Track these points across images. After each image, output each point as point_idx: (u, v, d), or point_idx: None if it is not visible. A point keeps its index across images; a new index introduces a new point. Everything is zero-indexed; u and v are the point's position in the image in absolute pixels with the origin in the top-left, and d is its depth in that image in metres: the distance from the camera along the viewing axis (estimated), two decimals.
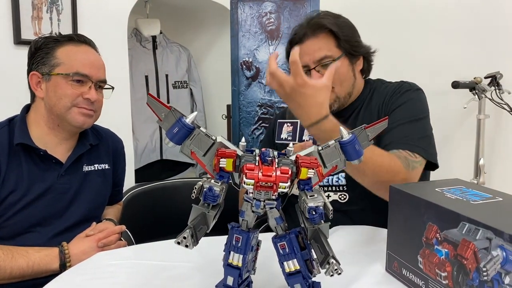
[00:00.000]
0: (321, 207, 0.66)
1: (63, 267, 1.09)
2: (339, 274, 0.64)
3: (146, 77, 2.70)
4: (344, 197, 1.22)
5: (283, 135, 0.99)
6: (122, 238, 1.25)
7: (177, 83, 2.82)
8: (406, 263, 0.81)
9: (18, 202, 1.14)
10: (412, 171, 1.05)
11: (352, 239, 1.07)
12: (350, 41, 1.23)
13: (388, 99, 1.23)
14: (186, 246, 0.66)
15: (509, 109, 2.07)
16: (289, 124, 0.97)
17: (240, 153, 0.69)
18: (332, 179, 1.23)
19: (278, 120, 0.95)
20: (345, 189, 1.22)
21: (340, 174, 1.22)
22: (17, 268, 1.06)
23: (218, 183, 0.68)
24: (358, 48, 1.26)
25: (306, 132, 0.96)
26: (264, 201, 0.68)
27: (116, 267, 0.93)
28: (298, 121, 0.96)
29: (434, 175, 1.22)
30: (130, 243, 1.31)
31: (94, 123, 1.33)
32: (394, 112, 1.19)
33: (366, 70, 1.33)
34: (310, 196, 0.67)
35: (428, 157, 1.11)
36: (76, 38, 1.22)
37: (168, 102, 2.76)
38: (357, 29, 1.29)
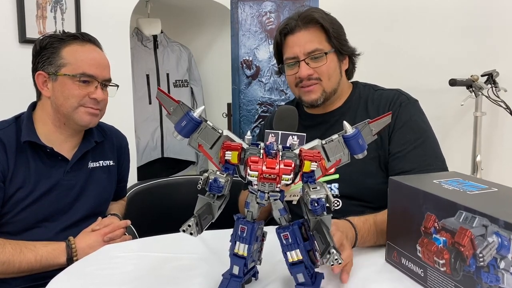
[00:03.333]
0: (323, 199, 0.69)
1: (70, 261, 1.11)
2: (340, 264, 0.66)
3: (148, 76, 2.72)
4: (338, 203, 1.22)
5: None
6: (126, 233, 1.27)
7: (178, 82, 2.84)
8: (405, 252, 0.84)
9: (26, 198, 1.16)
10: None
11: None
12: (339, 38, 1.24)
13: (387, 110, 1.21)
14: (191, 234, 0.68)
15: (505, 107, 2.10)
16: (273, 135, 0.98)
17: (245, 146, 0.72)
18: None
19: (266, 130, 0.96)
20: (338, 197, 1.22)
21: (333, 184, 1.22)
22: (25, 262, 1.09)
23: (223, 174, 0.71)
24: (346, 47, 1.27)
25: (288, 142, 0.98)
26: (268, 193, 0.71)
27: (123, 259, 0.96)
28: (280, 132, 0.97)
29: None
30: (134, 238, 1.33)
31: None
32: (401, 131, 1.18)
33: (350, 72, 1.34)
34: (313, 189, 0.69)
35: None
36: (81, 37, 1.23)
37: None
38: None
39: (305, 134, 1.01)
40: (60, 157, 1.22)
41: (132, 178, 2.11)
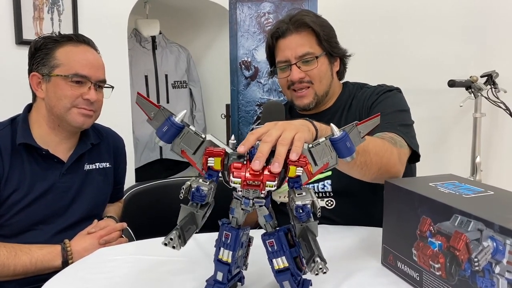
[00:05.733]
0: (309, 205, 0.66)
1: (65, 264, 1.11)
2: (324, 273, 0.63)
3: (146, 77, 2.71)
4: (331, 203, 1.23)
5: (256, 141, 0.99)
6: (123, 235, 1.27)
7: (176, 83, 2.84)
8: (401, 256, 0.83)
9: (21, 201, 1.15)
10: (401, 149, 1.04)
11: (347, 235, 1.09)
12: (330, 41, 1.26)
13: (367, 101, 1.24)
14: (173, 247, 0.66)
15: (505, 108, 2.09)
16: None
17: (229, 151, 0.70)
18: (318, 186, 1.23)
19: (253, 126, 0.97)
20: (331, 195, 1.23)
21: (325, 181, 1.22)
22: (20, 265, 1.08)
23: (207, 182, 0.68)
24: (337, 49, 1.29)
25: None
26: (253, 199, 0.69)
27: (117, 262, 0.95)
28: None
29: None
30: (131, 240, 1.32)
31: (96, 122, 1.35)
32: (377, 109, 1.20)
33: (341, 73, 1.35)
34: (298, 194, 0.67)
35: (408, 142, 1.10)
36: (75, 38, 1.22)
37: (168, 102, 2.78)
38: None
39: None
40: (55, 159, 1.21)
41: (130, 179, 2.11)
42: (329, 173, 1.20)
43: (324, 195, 1.24)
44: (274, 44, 1.29)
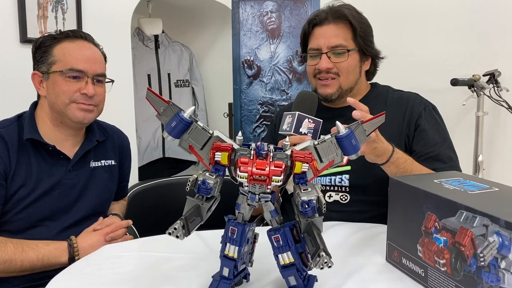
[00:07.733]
0: (314, 201, 0.67)
1: (71, 260, 1.11)
2: (329, 267, 0.64)
3: (149, 76, 2.72)
4: (346, 198, 1.22)
5: (284, 126, 1.01)
6: (127, 232, 1.27)
7: (179, 82, 2.84)
8: (406, 252, 0.84)
9: (27, 196, 1.16)
10: None
11: (352, 232, 1.09)
12: (365, 39, 1.27)
13: (409, 107, 1.27)
14: (177, 236, 0.68)
15: (507, 106, 2.10)
16: (290, 116, 0.99)
17: (236, 146, 0.71)
18: (335, 179, 1.24)
19: (284, 112, 0.98)
20: (347, 190, 1.23)
21: (344, 175, 1.22)
22: (27, 261, 1.09)
23: (213, 176, 0.70)
24: (370, 48, 1.29)
25: (304, 124, 0.99)
26: (259, 195, 0.70)
27: (123, 258, 0.95)
28: (297, 112, 0.98)
29: None
30: (135, 238, 1.33)
31: (101, 120, 1.35)
32: (428, 133, 1.23)
33: (371, 73, 1.36)
34: (303, 190, 0.68)
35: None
36: (72, 34, 1.22)
37: None
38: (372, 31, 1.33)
39: (321, 120, 1.01)
40: (62, 155, 1.22)
41: (133, 178, 2.11)
42: (348, 167, 1.21)
43: (340, 189, 1.24)
44: (309, 31, 1.29)
